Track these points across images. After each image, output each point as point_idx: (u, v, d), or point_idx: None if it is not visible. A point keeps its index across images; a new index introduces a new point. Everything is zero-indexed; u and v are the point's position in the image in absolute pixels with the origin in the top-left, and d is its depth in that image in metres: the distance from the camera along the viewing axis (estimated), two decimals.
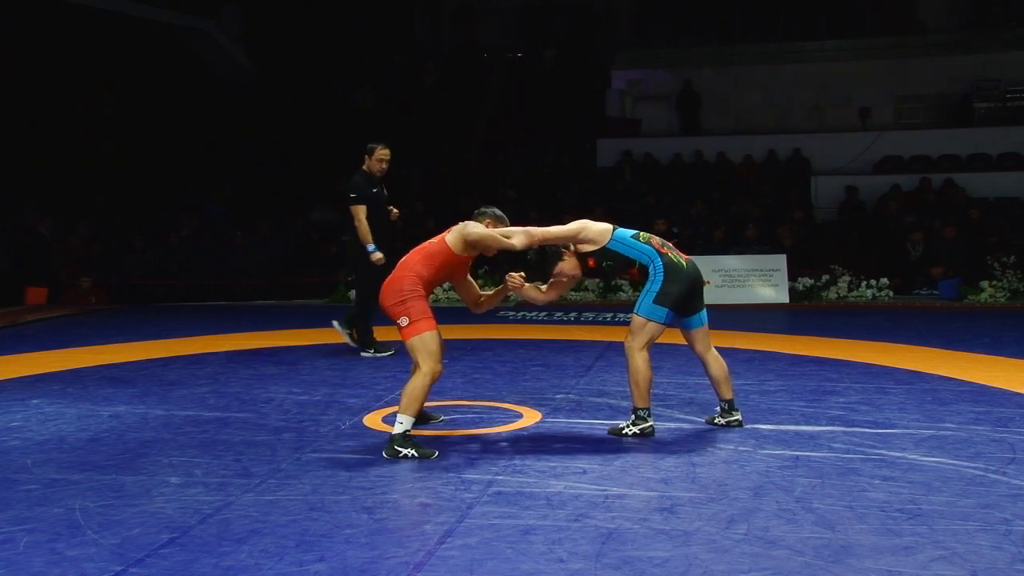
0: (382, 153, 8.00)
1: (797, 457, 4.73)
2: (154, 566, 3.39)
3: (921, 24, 19.32)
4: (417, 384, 4.84)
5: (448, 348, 8.33)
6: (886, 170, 17.16)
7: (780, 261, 12.96)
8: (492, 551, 3.50)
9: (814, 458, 4.71)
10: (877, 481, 4.31)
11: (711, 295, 12.51)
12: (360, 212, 7.81)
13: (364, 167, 8.05)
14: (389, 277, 5.09)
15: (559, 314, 11.20)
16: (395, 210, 8.09)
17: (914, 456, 4.73)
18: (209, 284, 14.29)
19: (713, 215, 15.36)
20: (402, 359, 7.94)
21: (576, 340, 8.99)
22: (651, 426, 5.23)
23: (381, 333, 8.19)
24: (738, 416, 5.46)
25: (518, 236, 5.14)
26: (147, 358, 8.16)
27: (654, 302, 5.18)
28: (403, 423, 4.81)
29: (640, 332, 5.19)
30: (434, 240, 5.17)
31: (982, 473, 4.42)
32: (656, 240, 5.37)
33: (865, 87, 18.82)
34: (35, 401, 6.34)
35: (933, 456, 4.72)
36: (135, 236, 15.06)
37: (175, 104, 17.66)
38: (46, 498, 4.19)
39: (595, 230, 5.26)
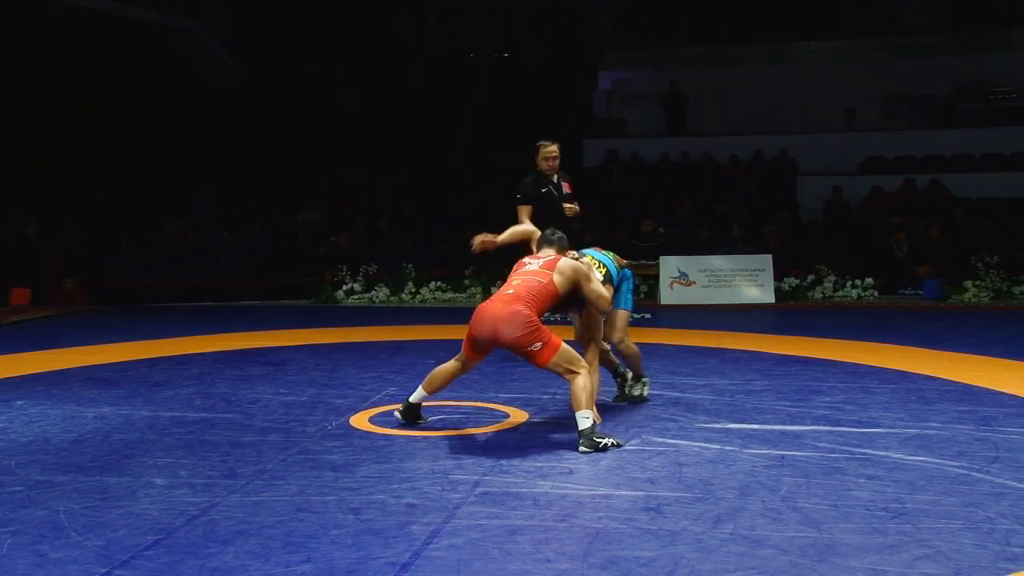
0: (546, 151, 7.64)
1: (783, 456, 4.75)
2: (139, 568, 3.38)
3: (906, 26, 19.42)
4: (588, 382, 5.02)
5: (435, 349, 8.33)
6: (871, 170, 17.26)
7: (766, 261, 13.01)
8: (479, 551, 3.50)
9: (800, 457, 4.73)
10: (862, 480, 4.33)
11: (697, 295, 12.73)
12: (521, 213, 7.43)
13: (537, 167, 7.74)
14: (503, 312, 5.06)
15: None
16: (569, 206, 7.59)
17: (899, 455, 4.75)
18: (195, 284, 14.25)
19: (699, 215, 15.40)
20: (389, 362, 7.94)
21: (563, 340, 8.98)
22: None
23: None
24: (621, 371, 6.14)
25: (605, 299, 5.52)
26: (132, 359, 8.13)
27: (632, 296, 6.01)
28: (587, 416, 4.92)
29: (624, 324, 5.95)
30: (540, 279, 5.28)
31: (966, 472, 4.45)
32: (621, 259, 6.09)
33: (850, 88, 18.92)
34: (19, 402, 6.30)
35: (918, 455, 4.75)
36: (121, 237, 14.99)
37: (161, 104, 17.59)
38: (30, 500, 4.16)
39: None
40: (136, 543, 3.61)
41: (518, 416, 5.75)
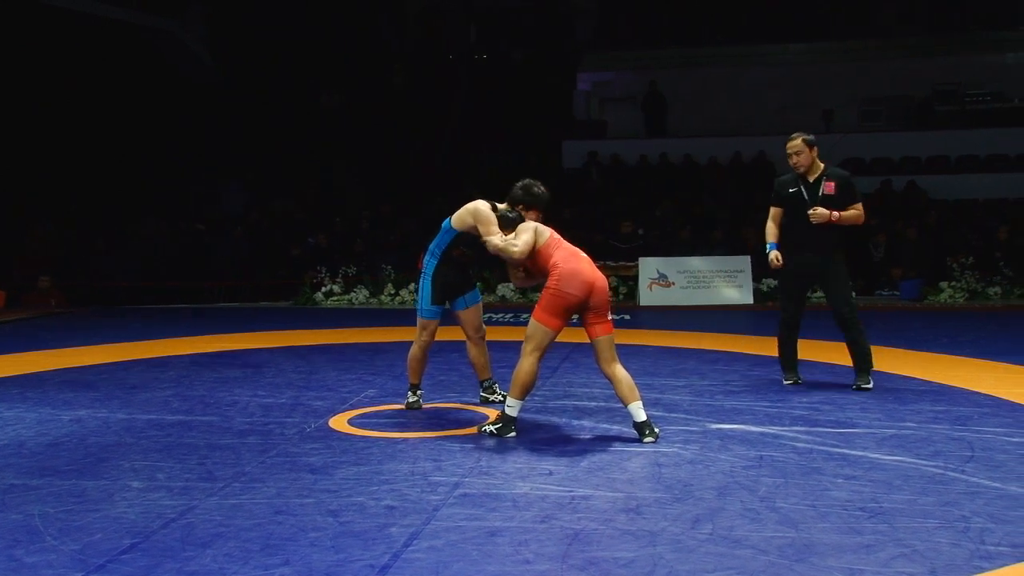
0: (787, 146, 6.78)
1: (761, 457, 4.78)
2: (116, 572, 3.35)
3: (884, 28, 19.58)
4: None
5: None
6: (848, 172, 17.36)
7: (744, 262, 13.07)
8: (458, 553, 3.49)
9: (778, 458, 4.76)
10: (840, 480, 4.36)
11: (676, 296, 12.77)
12: (770, 213, 6.91)
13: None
14: (598, 273, 5.22)
15: (524, 316, 11.22)
16: (814, 212, 6.55)
17: (875, 455, 4.79)
18: (172, 286, 14.15)
19: (678, 216, 15.45)
20: (369, 363, 7.93)
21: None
22: None
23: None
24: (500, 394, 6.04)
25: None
26: (109, 361, 8.07)
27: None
28: (641, 407, 5.18)
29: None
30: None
31: (941, 471, 4.49)
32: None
33: (828, 90, 19.04)
34: None
35: (894, 455, 4.78)
36: (98, 238, 14.88)
37: (140, 104, 17.48)
38: (4, 504, 4.12)
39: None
40: (112, 547, 3.58)
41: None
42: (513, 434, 5.18)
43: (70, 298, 13.45)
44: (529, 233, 5.30)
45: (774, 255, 6.76)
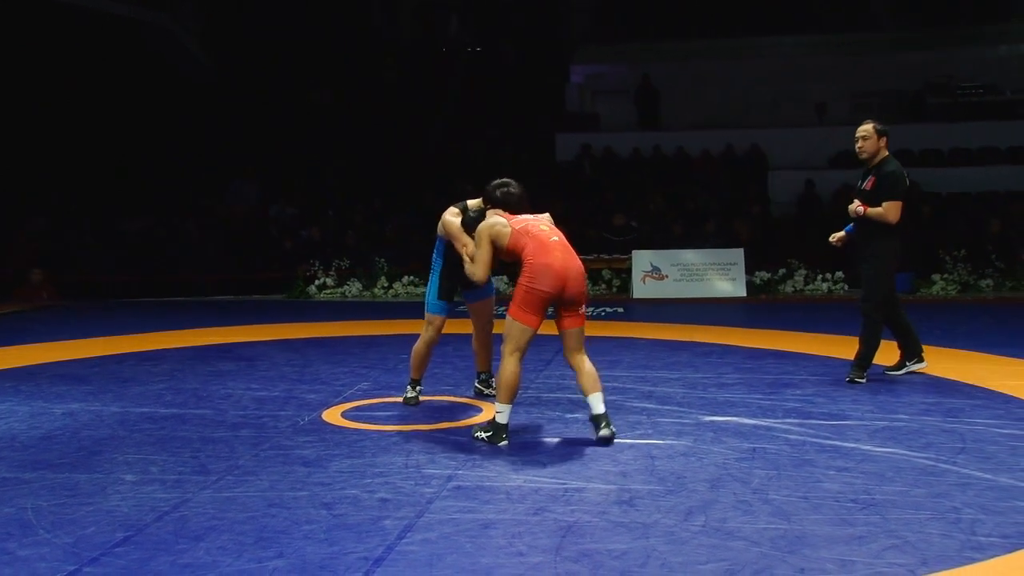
0: (857, 129, 6.64)
1: (754, 449, 4.79)
2: (109, 565, 3.35)
3: (876, 21, 19.60)
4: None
5: (408, 343, 8.26)
6: (841, 165, 17.38)
7: (738, 255, 13.08)
8: (452, 545, 3.50)
9: (771, 450, 4.77)
10: (832, 472, 4.38)
11: (669, 289, 12.78)
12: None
13: None
14: (574, 263, 5.01)
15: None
16: (852, 207, 6.44)
17: (868, 447, 4.81)
18: (165, 279, 14.12)
19: (671, 209, 15.46)
20: (362, 356, 7.92)
21: None
22: None
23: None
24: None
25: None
26: (102, 355, 8.05)
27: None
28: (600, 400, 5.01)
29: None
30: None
31: (933, 463, 4.51)
32: None
33: (821, 83, 19.05)
34: None
35: (886, 447, 4.80)
36: (89, 231, 14.83)
37: (134, 99, 17.41)
38: None
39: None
40: (106, 540, 3.58)
41: (491, 411, 5.74)
42: (504, 442, 4.94)
43: (62, 292, 13.41)
44: (483, 248, 5.18)
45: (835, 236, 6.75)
